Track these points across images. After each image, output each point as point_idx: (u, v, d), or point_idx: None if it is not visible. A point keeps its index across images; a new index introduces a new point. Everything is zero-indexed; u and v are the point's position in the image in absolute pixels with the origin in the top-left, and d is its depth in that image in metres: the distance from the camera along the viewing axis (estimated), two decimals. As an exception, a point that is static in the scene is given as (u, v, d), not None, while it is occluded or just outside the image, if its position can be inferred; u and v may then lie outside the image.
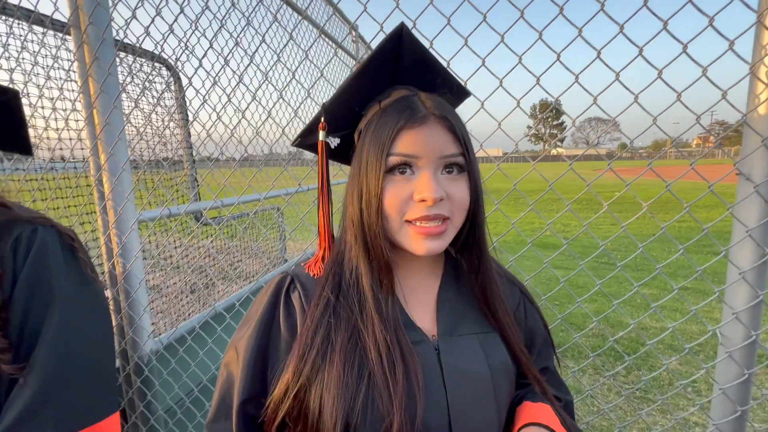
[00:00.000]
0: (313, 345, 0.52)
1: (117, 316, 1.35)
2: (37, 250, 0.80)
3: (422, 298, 0.62)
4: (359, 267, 0.56)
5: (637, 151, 12.80)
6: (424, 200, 0.51)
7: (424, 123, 0.53)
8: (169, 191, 2.32)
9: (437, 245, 0.53)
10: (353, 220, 0.56)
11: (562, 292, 4.33)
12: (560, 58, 0.83)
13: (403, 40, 0.56)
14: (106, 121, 1.19)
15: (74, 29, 1.19)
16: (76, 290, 0.84)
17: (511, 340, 0.61)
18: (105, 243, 1.30)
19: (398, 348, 0.52)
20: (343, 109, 0.60)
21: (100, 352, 0.86)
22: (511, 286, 0.70)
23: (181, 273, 2.52)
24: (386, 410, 0.48)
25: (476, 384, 0.55)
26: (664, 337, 3.26)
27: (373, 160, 0.53)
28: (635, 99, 0.78)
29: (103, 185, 1.25)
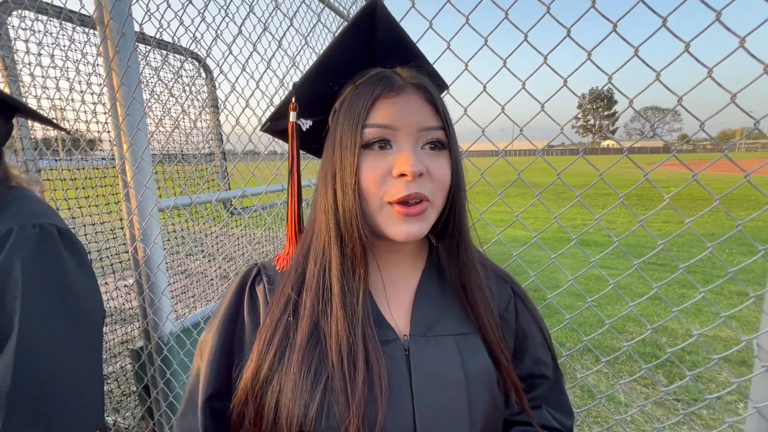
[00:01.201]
0: (270, 345, 0.49)
1: (139, 297, 1.43)
2: (6, 255, 0.70)
3: (400, 292, 0.57)
4: (328, 256, 0.51)
5: (701, 143, 11.69)
6: (404, 174, 0.47)
7: (401, 93, 0.49)
8: (201, 181, 2.43)
9: (417, 228, 0.49)
10: (325, 206, 0.51)
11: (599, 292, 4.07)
12: (616, 29, 0.72)
13: (378, 14, 0.51)
14: (126, 112, 1.25)
15: (99, 25, 1.25)
16: (47, 299, 0.72)
17: (492, 342, 0.54)
18: (128, 228, 1.38)
19: (362, 347, 0.48)
20: (316, 91, 0.56)
21: (72, 362, 0.73)
22: (501, 282, 0.62)
23: (213, 260, 2.64)
24: (342, 416, 0.45)
25: (448, 390, 0.50)
26: (715, 346, 2.97)
27: (347, 135, 0.49)
28: (709, 73, 0.67)
29: (125, 174, 1.32)
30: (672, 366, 2.68)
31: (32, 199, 0.83)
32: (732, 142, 0.90)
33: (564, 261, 5.21)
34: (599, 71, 0.77)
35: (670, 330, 3.27)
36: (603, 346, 3.01)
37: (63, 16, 1.36)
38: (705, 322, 3.38)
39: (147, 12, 1.19)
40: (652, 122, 0.87)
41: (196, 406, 0.55)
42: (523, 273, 4.60)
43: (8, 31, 1.40)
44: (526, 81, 0.81)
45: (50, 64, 1.40)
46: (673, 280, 4.41)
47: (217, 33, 1.17)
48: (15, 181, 0.85)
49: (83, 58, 1.41)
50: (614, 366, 2.76)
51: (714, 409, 2.22)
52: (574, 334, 3.15)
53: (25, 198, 0.82)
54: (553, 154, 64.81)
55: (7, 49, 1.41)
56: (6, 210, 0.76)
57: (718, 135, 76.32)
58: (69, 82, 1.37)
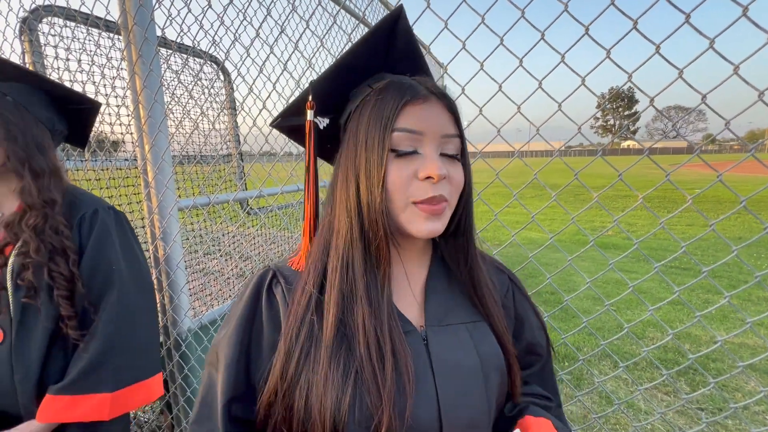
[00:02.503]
0: (297, 343, 0.50)
1: (160, 294, 1.47)
2: (98, 230, 0.94)
3: (409, 287, 0.59)
4: (351, 254, 0.53)
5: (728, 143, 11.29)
6: (430, 177, 0.50)
7: (427, 101, 0.52)
8: (219, 181, 2.48)
9: (438, 226, 0.52)
10: (348, 205, 0.53)
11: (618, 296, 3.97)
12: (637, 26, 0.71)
13: (399, 24, 0.54)
14: (148, 115, 1.29)
15: (123, 30, 1.29)
16: (130, 268, 0.97)
17: (499, 329, 0.58)
18: (149, 227, 1.42)
19: (389, 339, 0.50)
20: (331, 91, 0.57)
21: (147, 322, 1.00)
22: (499, 273, 0.67)
23: (230, 259, 2.68)
24: (374, 406, 0.46)
25: (466, 375, 0.53)
26: (741, 353, 2.86)
27: (374, 137, 0.51)
28: (735, 70, 0.66)
29: (147, 174, 1.36)
30: (695, 373, 2.59)
31: (85, 191, 1.04)
32: (760, 141, 0.86)
33: (581, 264, 5.10)
34: (617, 70, 0.76)
35: (693, 336, 3.17)
36: (622, 351, 2.93)
37: (90, 22, 1.41)
38: (731, 328, 3.26)
39: (168, 17, 1.22)
40: (674, 122, 0.85)
41: (211, 410, 0.55)
42: (538, 275, 4.53)
43: (39, 38, 1.46)
44: (543, 80, 0.80)
45: (77, 69, 1.45)
46: (697, 285, 4.27)
47: (236, 36, 1.20)
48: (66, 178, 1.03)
49: (108, 63, 1.47)
50: (633, 372, 2.68)
51: (740, 420, 2.14)
52: (592, 338, 3.08)
53: (81, 189, 1.03)
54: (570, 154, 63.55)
55: (38, 54, 1.47)
56: (79, 198, 0.98)
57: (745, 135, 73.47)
58: (95, 86, 1.43)
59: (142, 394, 0.96)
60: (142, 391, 0.96)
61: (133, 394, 0.94)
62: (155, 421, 1.92)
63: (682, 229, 6.89)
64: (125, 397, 0.93)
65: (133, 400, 0.94)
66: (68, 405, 0.86)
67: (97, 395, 0.89)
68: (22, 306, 0.88)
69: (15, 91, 0.92)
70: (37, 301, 0.87)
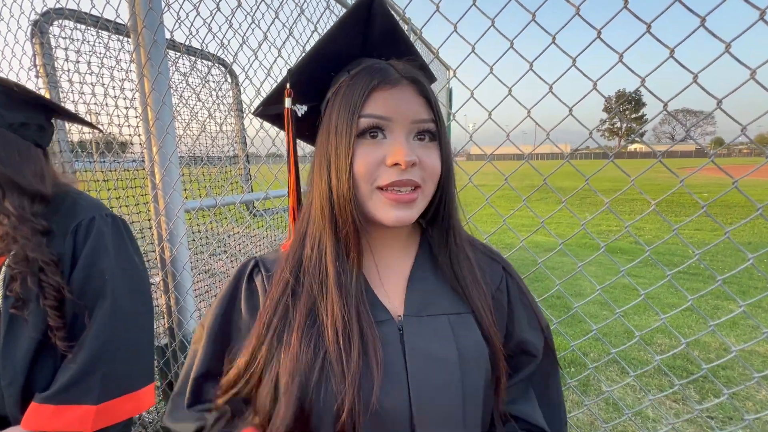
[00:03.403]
0: (270, 326, 0.51)
1: (165, 296, 1.47)
2: (94, 238, 0.90)
3: (394, 275, 0.59)
4: (323, 241, 0.53)
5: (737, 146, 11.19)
6: (397, 164, 0.49)
7: (397, 85, 0.51)
8: (226, 183, 2.49)
9: (407, 215, 0.51)
10: (321, 191, 0.53)
11: (627, 302, 3.92)
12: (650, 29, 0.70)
13: (375, 6, 0.53)
14: (156, 117, 1.30)
15: (132, 33, 1.30)
16: (125, 277, 0.93)
17: (484, 323, 0.56)
18: (156, 229, 1.42)
19: (357, 325, 0.50)
20: (310, 78, 0.57)
21: (140, 332, 0.96)
22: (492, 262, 0.64)
23: (236, 260, 2.69)
24: (338, 389, 0.47)
25: (441, 367, 0.52)
26: (752, 362, 2.81)
27: (342, 124, 0.51)
28: (752, 75, 0.65)
29: (155, 176, 1.37)
30: (704, 380, 2.55)
31: (86, 194, 1.01)
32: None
33: (588, 268, 5.05)
34: (623, 72, 0.75)
35: (702, 343, 3.12)
36: (630, 357, 2.90)
37: (100, 25, 1.42)
38: (740, 335, 3.21)
39: (177, 20, 1.23)
40: (685, 126, 0.84)
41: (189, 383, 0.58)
42: (544, 279, 4.49)
43: (50, 40, 1.48)
44: (553, 84, 0.79)
45: (87, 71, 1.47)
46: (704, 290, 4.21)
47: (244, 39, 1.20)
48: (62, 180, 0.98)
49: (117, 65, 1.48)
50: (641, 379, 2.65)
51: (752, 430, 2.10)
52: (598, 343, 3.05)
53: (81, 193, 0.99)
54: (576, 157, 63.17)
55: (49, 56, 1.49)
56: (77, 203, 0.94)
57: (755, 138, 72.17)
58: (104, 87, 1.44)
59: (131, 405, 0.94)
60: (131, 402, 0.94)
61: (120, 406, 0.92)
62: (160, 422, 1.92)
63: (690, 233, 6.81)
64: (112, 409, 0.90)
65: (120, 412, 0.92)
66: (52, 414, 0.85)
67: (82, 407, 0.86)
68: (10, 315, 0.87)
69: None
70: (24, 312, 0.86)
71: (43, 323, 0.87)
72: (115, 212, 0.99)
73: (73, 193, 0.97)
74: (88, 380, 0.87)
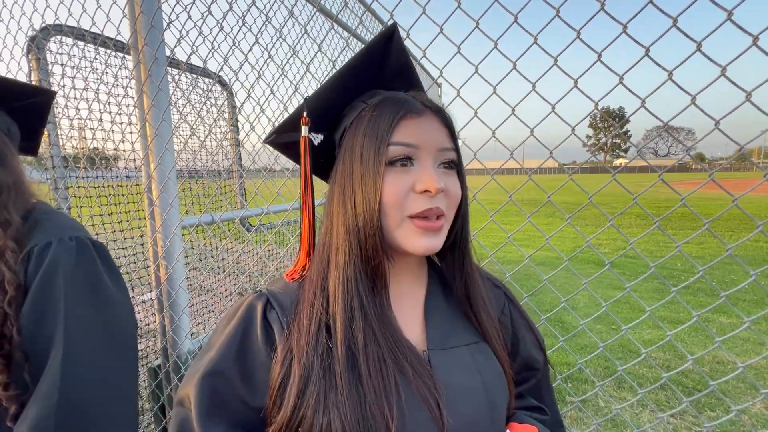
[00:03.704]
0: (313, 365, 0.49)
1: (160, 315, 1.43)
2: (47, 267, 0.70)
3: (409, 307, 0.58)
4: (351, 271, 0.52)
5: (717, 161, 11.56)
6: (427, 190, 0.50)
7: (422, 114, 0.53)
8: (221, 198, 2.47)
9: (436, 242, 0.52)
10: (345, 221, 0.52)
11: (620, 316, 3.95)
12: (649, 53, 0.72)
13: (393, 42, 0.55)
14: (155, 133, 1.29)
15: (133, 50, 1.30)
16: (88, 313, 0.72)
17: (497, 349, 0.58)
18: (152, 246, 1.39)
19: (396, 361, 0.49)
20: (324, 108, 0.57)
21: (112, 379, 0.73)
22: (495, 289, 0.66)
23: (233, 276, 2.64)
24: (378, 429, 0.46)
25: (471, 400, 0.52)
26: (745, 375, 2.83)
27: (370, 152, 0.51)
28: (747, 97, 0.67)
29: (152, 192, 1.35)
30: (700, 393, 2.56)
31: (58, 213, 0.84)
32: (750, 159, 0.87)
33: (578, 282, 5.09)
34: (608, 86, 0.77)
35: (696, 358, 3.14)
36: (626, 371, 2.90)
37: (99, 42, 1.42)
38: (732, 348, 3.25)
39: (179, 38, 1.24)
40: (668, 142, 0.86)
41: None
42: (539, 294, 4.51)
43: (46, 56, 1.47)
44: (556, 104, 0.80)
45: (84, 87, 1.46)
46: (697, 303, 4.27)
47: (246, 58, 1.21)
48: (35, 197, 0.84)
49: (116, 81, 1.47)
50: (636, 394, 2.64)
51: (748, 443, 2.10)
52: (595, 359, 3.05)
53: (54, 212, 0.83)
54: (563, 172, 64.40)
55: (45, 72, 1.48)
56: (40, 224, 0.76)
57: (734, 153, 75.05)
58: (100, 104, 1.43)
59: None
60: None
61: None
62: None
63: (688, 249, 6.94)
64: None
65: None
66: None
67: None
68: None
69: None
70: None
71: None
72: (103, 231, 0.82)
73: (43, 209, 0.81)
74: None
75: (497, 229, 8.81)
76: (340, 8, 2.22)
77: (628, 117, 0.80)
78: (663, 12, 0.68)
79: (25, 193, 0.80)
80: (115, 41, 1.42)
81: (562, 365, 2.97)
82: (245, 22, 1.20)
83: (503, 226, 0.95)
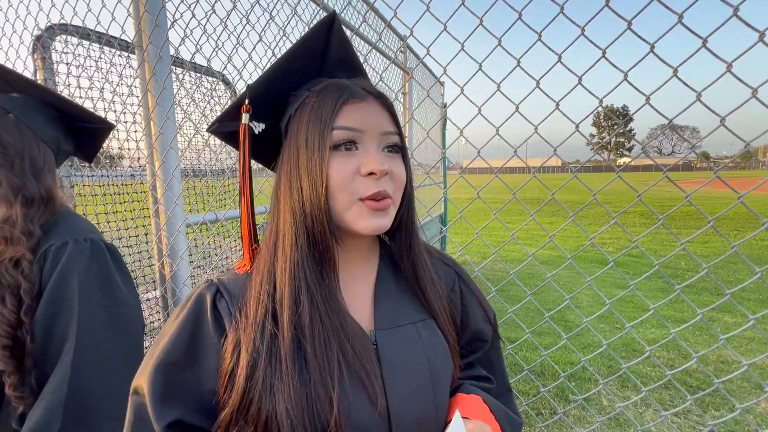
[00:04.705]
0: (260, 353, 0.50)
1: (164, 312, 1.44)
2: (63, 267, 0.74)
3: (359, 290, 0.59)
4: (298, 257, 0.53)
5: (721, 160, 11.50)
6: (373, 173, 0.51)
7: (365, 99, 0.54)
8: (229, 196, 2.48)
9: (384, 222, 0.53)
10: (291, 206, 0.53)
11: (623, 315, 3.94)
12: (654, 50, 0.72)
13: (333, 30, 0.56)
14: (159, 131, 1.29)
15: (137, 49, 1.31)
16: (102, 315, 0.76)
17: (443, 326, 0.60)
18: (156, 244, 1.40)
19: (339, 342, 0.51)
20: (269, 95, 0.58)
21: (119, 377, 0.75)
22: (445, 267, 0.68)
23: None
24: (322, 408, 0.47)
25: (414, 375, 0.54)
26: (750, 374, 2.82)
27: (314, 138, 0.52)
28: (753, 93, 0.67)
29: (156, 191, 1.35)
30: (704, 391, 2.55)
31: (77, 216, 0.88)
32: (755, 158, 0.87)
33: (581, 280, 5.08)
34: (613, 82, 0.77)
35: (700, 356, 3.12)
36: (628, 370, 2.89)
37: (104, 41, 1.43)
38: (737, 347, 3.23)
39: (183, 37, 1.24)
40: (672, 141, 0.85)
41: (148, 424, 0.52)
42: (542, 292, 4.50)
43: (52, 55, 1.48)
44: (560, 101, 0.80)
45: (89, 86, 1.46)
46: (701, 302, 4.25)
47: (249, 56, 1.21)
48: (60, 200, 0.89)
49: (121, 80, 1.48)
50: (640, 392, 2.63)
51: (753, 443, 2.09)
52: (597, 357, 3.04)
53: (72, 214, 0.87)
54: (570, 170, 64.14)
55: (50, 71, 1.48)
56: (57, 225, 0.81)
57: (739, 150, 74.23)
58: (105, 102, 1.43)
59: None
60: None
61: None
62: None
63: (692, 248, 6.89)
64: None
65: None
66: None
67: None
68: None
69: (19, 106, 0.83)
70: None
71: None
72: (108, 229, 0.87)
73: (62, 212, 0.85)
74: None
75: (501, 227, 8.80)
76: (343, 6, 2.22)
77: (633, 114, 0.80)
78: (668, 8, 0.68)
79: (54, 204, 0.84)
80: (119, 40, 1.42)
81: (565, 364, 2.97)
82: (249, 21, 1.20)
83: (507, 224, 0.95)
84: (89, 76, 1.46)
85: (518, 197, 0.85)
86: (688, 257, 5.66)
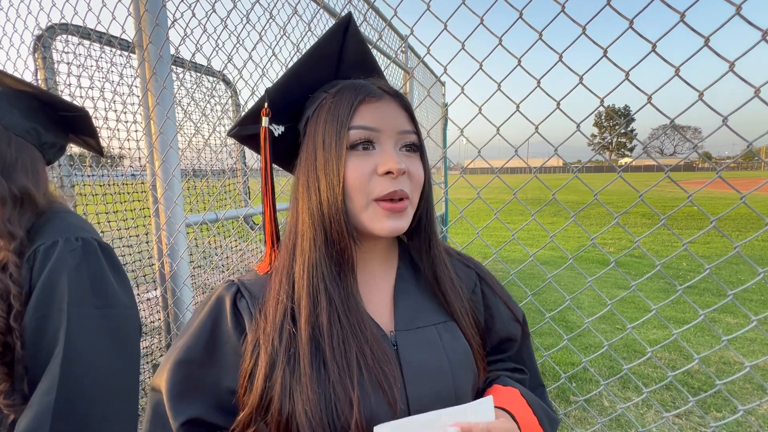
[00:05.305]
0: (279, 353, 0.50)
1: (164, 312, 1.44)
2: (52, 267, 0.71)
3: (378, 290, 0.59)
4: (316, 257, 0.52)
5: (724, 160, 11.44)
6: (390, 172, 0.50)
7: (381, 99, 0.53)
8: (229, 196, 2.48)
9: (400, 224, 0.52)
10: (309, 207, 0.53)
11: (625, 315, 3.93)
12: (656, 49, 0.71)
13: (349, 32, 0.56)
14: (160, 131, 1.29)
15: (138, 48, 1.31)
16: (91, 314, 0.72)
17: (464, 327, 0.59)
18: (156, 243, 1.40)
19: (358, 344, 0.50)
20: (287, 98, 0.58)
21: (112, 379, 0.72)
22: (466, 268, 0.67)
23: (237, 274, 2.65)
24: (343, 410, 0.47)
25: (435, 378, 0.53)
26: (752, 375, 2.81)
27: (331, 138, 0.51)
28: (756, 92, 0.66)
29: (156, 190, 1.35)
30: (705, 393, 2.54)
31: (72, 214, 0.86)
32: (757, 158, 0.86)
33: (582, 281, 5.07)
34: (613, 83, 0.76)
35: (702, 357, 3.11)
36: (630, 371, 2.88)
37: (104, 41, 1.43)
38: (740, 348, 3.22)
39: (184, 37, 1.24)
40: (674, 141, 0.85)
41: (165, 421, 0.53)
42: (543, 292, 4.49)
43: (52, 55, 1.48)
44: (561, 100, 0.80)
45: (90, 86, 1.46)
46: (702, 303, 4.23)
47: (250, 56, 1.21)
48: (54, 197, 0.87)
49: (121, 80, 1.48)
50: (642, 393, 2.63)
51: (755, 444, 2.08)
52: (598, 358, 3.03)
53: (66, 212, 0.84)
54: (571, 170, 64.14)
55: (51, 71, 1.49)
56: (49, 223, 0.77)
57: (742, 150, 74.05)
58: (105, 102, 1.43)
59: None
60: None
61: None
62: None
63: (694, 248, 6.87)
64: None
65: None
66: None
67: None
68: None
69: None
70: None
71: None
72: (108, 228, 0.84)
73: (55, 210, 0.81)
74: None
75: (501, 228, 8.78)
76: (344, 6, 2.22)
77: (634, 114, 0.80)
78: (670, 7, 0.68)
79: (37, 202, 0.79)
80: (120, 40, 1.42)
81: (566, 364, 2.96)
82: (249, 20, 1.20)
83: (507, 224, 0.95)
84: (90, 76, 1.46)
85: (519, 197, 0.85)
86: (690, 258, 5.65)
